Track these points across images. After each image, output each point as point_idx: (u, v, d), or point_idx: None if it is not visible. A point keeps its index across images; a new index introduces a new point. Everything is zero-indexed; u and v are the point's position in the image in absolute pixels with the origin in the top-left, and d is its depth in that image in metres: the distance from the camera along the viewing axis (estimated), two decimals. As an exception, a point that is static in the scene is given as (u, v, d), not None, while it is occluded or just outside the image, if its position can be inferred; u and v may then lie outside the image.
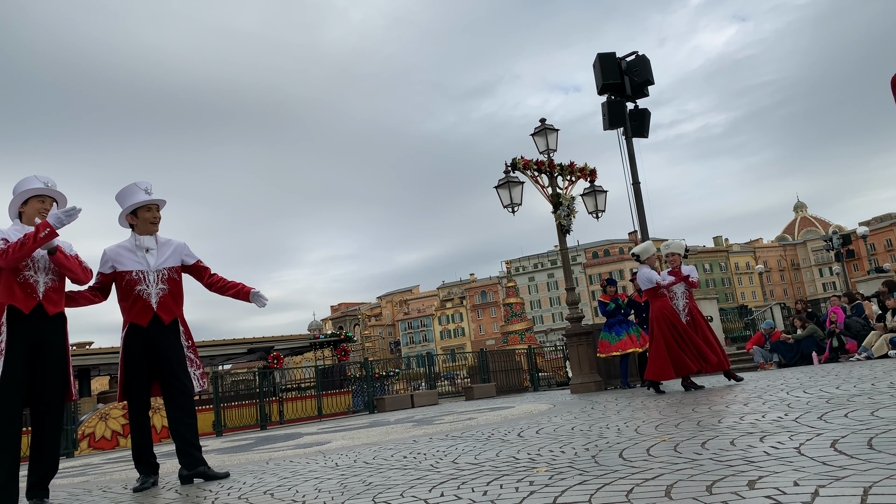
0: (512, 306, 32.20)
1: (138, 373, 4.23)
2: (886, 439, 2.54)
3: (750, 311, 24.94)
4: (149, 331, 4.23)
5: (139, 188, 4.32)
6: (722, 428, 3.55)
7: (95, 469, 7.08)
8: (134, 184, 4.34)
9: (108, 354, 15.66)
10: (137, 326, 4.22)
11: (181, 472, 4.19)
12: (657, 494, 2.09)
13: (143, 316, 4.22)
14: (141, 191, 4.32)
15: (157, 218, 4.39)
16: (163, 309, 4.27)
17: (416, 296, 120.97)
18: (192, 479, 4.16)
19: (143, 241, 4.32)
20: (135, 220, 4.34)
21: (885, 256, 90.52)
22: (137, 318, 4.22)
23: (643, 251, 8.03)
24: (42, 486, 3.81)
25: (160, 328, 4.26)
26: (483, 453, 3.70)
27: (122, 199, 4.35)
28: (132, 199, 4.30)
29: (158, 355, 4.23)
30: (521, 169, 11.35)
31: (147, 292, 4.24)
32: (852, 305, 12.44)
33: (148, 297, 4.24)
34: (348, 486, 3.09)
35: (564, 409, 6.79)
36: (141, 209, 4.32)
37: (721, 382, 8.04)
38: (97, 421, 13.52)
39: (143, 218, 4.32)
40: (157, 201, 4.37)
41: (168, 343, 4.27)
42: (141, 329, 4.22)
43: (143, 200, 4.29)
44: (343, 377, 17.90)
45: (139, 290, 4.23)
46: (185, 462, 4.17)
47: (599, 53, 13.21)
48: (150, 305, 4.24)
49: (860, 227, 32.43)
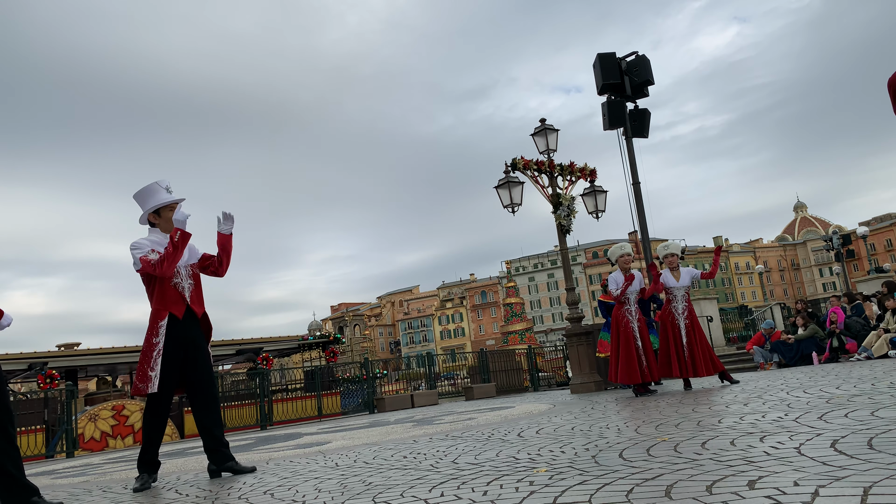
0: (512, 306, 32.21)
1: (171, 366, 4.26)
2: (886, 439, 2.54)
3: (750, 311, 24.93)
4: (184, 322, 4.30)
5: (161, 187, 4.38)
6: (722, 428, 3.55)
7: (95, 469, 7.08)
8: (155, 183, 4.40)
9: (95, 355, 15.64)
10: (174, 318, 4.28)
11: (210, 466, 4.29)
12: (657, 494, 2.09)
13: (179, 308, 4.30)
14: (163, 190, 4.38)
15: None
16: (195, 303, 4.39)
17: (416, 296, 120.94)
18: (220, 474, 4.26)
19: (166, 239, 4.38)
20: (157, 218, 4.40)
21: (885, 256, 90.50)
22: (174, 309, 4.29)
23: (611, 254, 8.25)
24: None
25: (194, 321, 4.37)
26: (483, 453, 3.70)
27: (144, 198, 4.39)
28: (155, 198, 4.36)
29: (190, 349, 4.31)
30: (521, 169, 11.35)
31: (181, 286, 4.34)
32: (852, 305, 12.44)
33: (182, 290, 4.34)
34: (348, 486, 3.09)
35: (564, 409, 6.79)
36: (163, 208, 4.38)
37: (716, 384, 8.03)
38: (86, 422, 13.49)
39: (166, 217, 4.38)
40: (178, 200, 4.45)
41: (199, 337, 4.38)
42: (177, 321, 4.28)
43: (167, 200, 4.36)
44: (332, 378, 17.90)
45: (175, 284, 4.32)
46: (214, 458, 4.27)
47: (599, 53, 13.21)
48: (185, 298, 4.33)
49: (860, 227, 32.43)
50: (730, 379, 7.58)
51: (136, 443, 13.85)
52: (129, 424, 14.02)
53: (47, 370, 13.99)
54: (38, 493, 3.52)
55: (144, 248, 4.23)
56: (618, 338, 7.84)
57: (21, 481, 3.46)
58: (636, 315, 7.84)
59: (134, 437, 13.98)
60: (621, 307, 7.91)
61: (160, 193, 4.36)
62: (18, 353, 14.29)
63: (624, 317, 7.85)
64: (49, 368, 14.10)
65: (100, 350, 15.91)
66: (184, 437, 14.69)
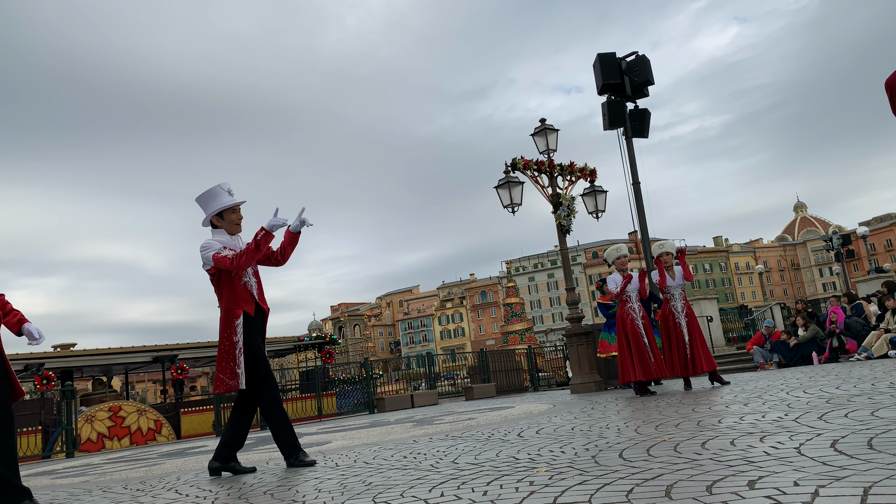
0: (512, 306, 32.18)
1: (253, 360, 4.34)
2: (886, 439, 2.53)
3: (750, 311, 24.92)
4: (255, 319, 4.43)
5: (223, 190, 4.48)
6: (722, 428, 3.55)
7: (95, 469, 7.08)
8: (218, 186, 4.50)
9: (91, 356, 15.66)
10: (248, 315, 4.39)
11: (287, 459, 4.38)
12: (657, 494, 2.09)
13: (250, 306, 4.42)
14: (225, 193, 4.49)
15: (241, 218, 4.58)
16: (261, 299, 4.52)
17: (416, 296, 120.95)
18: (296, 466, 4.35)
19: (235, 240, 4.50)
20: (220, 221, 4.49)
21: (885, 256, 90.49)
22: (246, 307, 4.39)
23: (608, 255, 8.32)
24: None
25: (261, 317, 4.50)
26: (483, 453, 3.70)
27: (208, 201, 4.48)
28: (218, 201, 4.47)
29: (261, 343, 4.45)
30: (521, 169, 11.35)
31: (249, 283, 4.46)
32: (852, 305, 12.44)
33: (250, 288, 4.46)
34: (348, 486, 3.09)
35: (564, 409, 6.79)
36: (227, 211, 4.48)
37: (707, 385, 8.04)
38: (83, 423, 13.50)
39: (230, 219, 4.49)
40: (240, 202, 4.54)
41: (263, 332, 4.53)
42: (249, 317, 4.40)
43: (230, 203, 4.46)
44: (327, 379, 17.89)
45: (245, 282, 4.44)
46: (286, 451, 4.36)
47: (599, 53, 13.19)
48: (254, 295, 4.46)
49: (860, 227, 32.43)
50: (720, 380, 7.62)
51: (132, 444, 13.84)
52: (125, 426, 14.01)
53: (44, 371, 14.01)
54: (30, 497, 3.53)
55: (215, 246, 4.33)
56: (626, 337, 7.82)
57: (13, 483, 3.48)
58: (640, 312, 7.86)
59: (130, 438, 13.95)
60: (624, 305, 7.92)
61: (223, 196, 4.47)
62: (14, 353, 14.29)
63: (628, 315, 7.86)
64: (46, 370, 14.12)
65: (96, 351, 15.89)
66: (180, 438, 14.70)
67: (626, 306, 7.91)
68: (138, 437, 14.02)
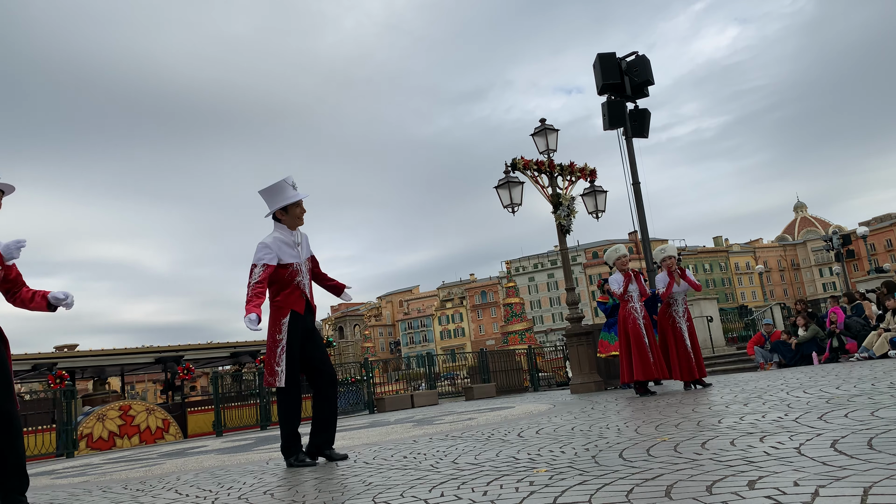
0: (512, 306, 32.16)
1: (294, 360, 4.41)
2: (886, 439, 2.53)
3: (750, 311, 24.94)
4: (305, 317, 4.47)
5: (288, 184, 4.49)
6: (722, 428, 3.55)
7: (95, 469, 7.08)
8: (283, 180, 4.50)
9: (94, 356, 15.77)
10: (297, 314, 4.41)
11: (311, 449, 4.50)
12: (657, 494, 2.09)
13: (300, 304, 4.45)
14: (290, 187, 4.49)
15: (304, 212, 4.59)
16: (312, 297, 4.58)
17: (416, 296, 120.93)
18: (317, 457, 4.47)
19: (295, 236, 4.52)
20: (284, 215, 4.50)
21: (885, 256, 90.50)
22: (296, 306, 4.42)
23: (608, 257, 8.36)
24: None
25: (312, 315, 4.57)
26: (483, 453, 3.70)
27: (273, 195, 4.49)
28: (283, 195, 4.47)
29: (311, 341, 4.48)
30: (521, 169, 11.35)
31: (303, 283, 4.50)
32: (852, 305, 12.43)
33: (303, 287, 4.49)
34: (348, 486, 3.09)
35: (564, 409, 6.79)
36: (291, 205, 4.48)
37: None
38: (94, 421, 13.69)
39: (293, 214, 4.51)
40: (303, 196, 4.55)
41: (313, 323, 4.56)
42: (299, 316, 4.42)
43: (295, 197, 4.47)
44: None
45: (297, 282, 4.46)
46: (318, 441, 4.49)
47: (599, 53, 13.19)
48: (306, 294, 4.49)
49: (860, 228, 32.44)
50: (702, 383, 7.74)
51: (142, 442, 13.98)
52: (135, 424, 14.20)
53: (56, 370, 14.13)
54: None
55: (265, 258, 4.33)
56: (627, 337, 7.84)
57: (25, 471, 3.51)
58: (641, 312, 7.87)
59: (140, 436, 14.10)
60: (626, 305, 7.92)
61: (288, 191, 4.48)
62: (23, 353, 14.37)
63: (630, 314, 7.86)
64: (59, 369, 14.24)
65: (101, 351, 16.02)
66: (187, 437, 14.73)
67: (628, 306, 7.91)
68: (147, 436, 14.19)
